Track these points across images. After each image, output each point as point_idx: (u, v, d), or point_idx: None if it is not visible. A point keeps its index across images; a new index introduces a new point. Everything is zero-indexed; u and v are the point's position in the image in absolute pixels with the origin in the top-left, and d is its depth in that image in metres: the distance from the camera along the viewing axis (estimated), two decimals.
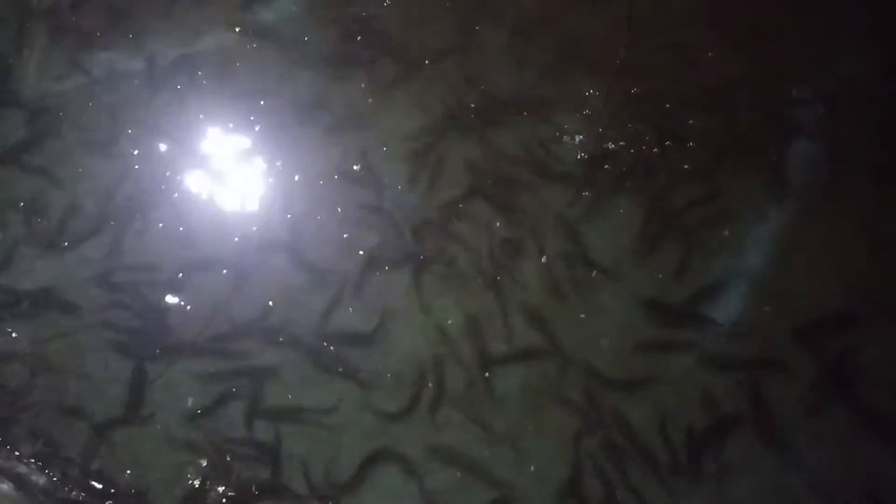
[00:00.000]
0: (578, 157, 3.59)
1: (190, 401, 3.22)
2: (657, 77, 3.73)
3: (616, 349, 3.25)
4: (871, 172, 3.49)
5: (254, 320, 3.33)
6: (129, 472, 3.12)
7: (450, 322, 3.31)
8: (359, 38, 3.88)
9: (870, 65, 3.72)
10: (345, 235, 3.49)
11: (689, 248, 3.38)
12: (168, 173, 3.64)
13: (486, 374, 3.23)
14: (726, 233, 3.42)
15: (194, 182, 3.62)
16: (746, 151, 3.58)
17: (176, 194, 3.59)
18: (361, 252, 3.44)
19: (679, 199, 3.49)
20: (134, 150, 3.68)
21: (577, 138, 3.63)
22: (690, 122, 3.64)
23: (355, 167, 3.61)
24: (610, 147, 3.60)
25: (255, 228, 3.51)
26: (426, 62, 3.81)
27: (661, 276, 3.35)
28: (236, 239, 3.50)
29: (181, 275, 3.40)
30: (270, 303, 3.37)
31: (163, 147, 3.69)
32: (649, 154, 3.58)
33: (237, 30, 3.93)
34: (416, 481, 3.08)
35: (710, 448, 3.08)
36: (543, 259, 3.42)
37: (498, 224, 3.48)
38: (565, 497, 3.06)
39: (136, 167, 3.64)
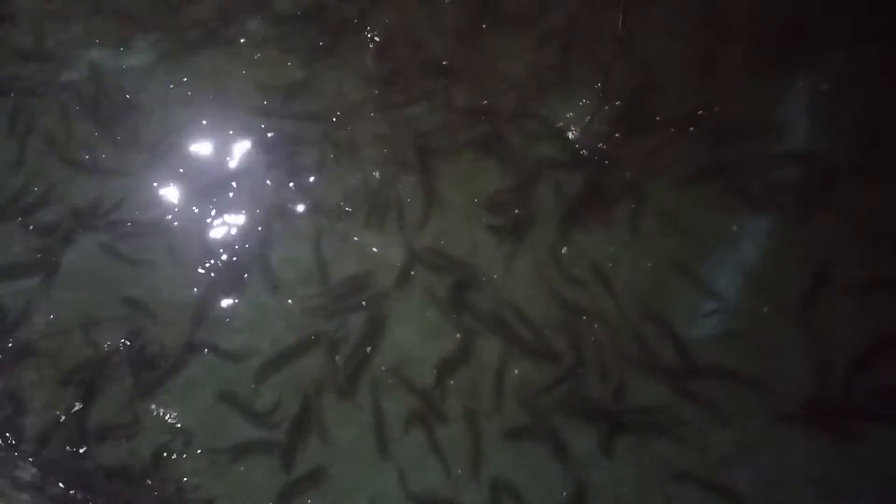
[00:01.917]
0: (578, 149, 3.63)
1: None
2: (656, 70, 3.77)
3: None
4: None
5: None
6: None
7: None
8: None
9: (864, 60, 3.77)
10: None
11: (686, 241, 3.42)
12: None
13: None
14: (735, 227, 3.44)
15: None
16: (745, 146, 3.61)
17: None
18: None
19: (679, 193, 3.52)
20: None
21: (576, 131, 3.66)
22: (700, 112, 3.67)
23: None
24: (608, 139, 3.63)
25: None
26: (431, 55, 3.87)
27: (658, 270, 3.37)
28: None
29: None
30: None
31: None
32: (648, 147, 3.61)
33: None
34: None
35: None
36: (564, 250, 3.43)
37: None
38: None
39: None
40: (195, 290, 3.38)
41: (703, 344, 3.24)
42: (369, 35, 3.94)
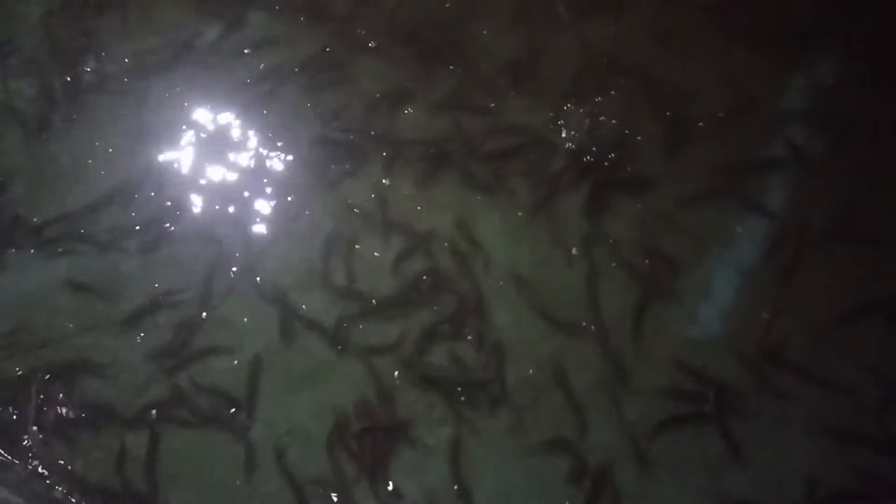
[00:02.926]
0: (577, 150, 3.61)
1: None
2: (650, 74, 3.74)
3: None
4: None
5: None
6: None
7: None
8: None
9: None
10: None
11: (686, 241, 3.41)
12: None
13: None
14: (739, 229, 3.42)
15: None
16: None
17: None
18: None
19: (678, 193, 3.49)
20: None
21: (572, 132, 3.64)
22: (700, 111, 3.65)
23: None
24: (608, 140, 3.61)
25: None
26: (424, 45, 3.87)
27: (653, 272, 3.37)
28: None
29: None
30: None
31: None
32: (648, 147, 3.60)
33: None
34: None
35: None
36: (574, 251, 3.43)
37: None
38: None
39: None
40: (195, 292, 3.40)
41: (701, 345, 3.24)
42: (371, 43, 3.92)
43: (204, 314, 3.36)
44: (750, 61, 3.73)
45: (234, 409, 3.19)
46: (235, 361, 3.28)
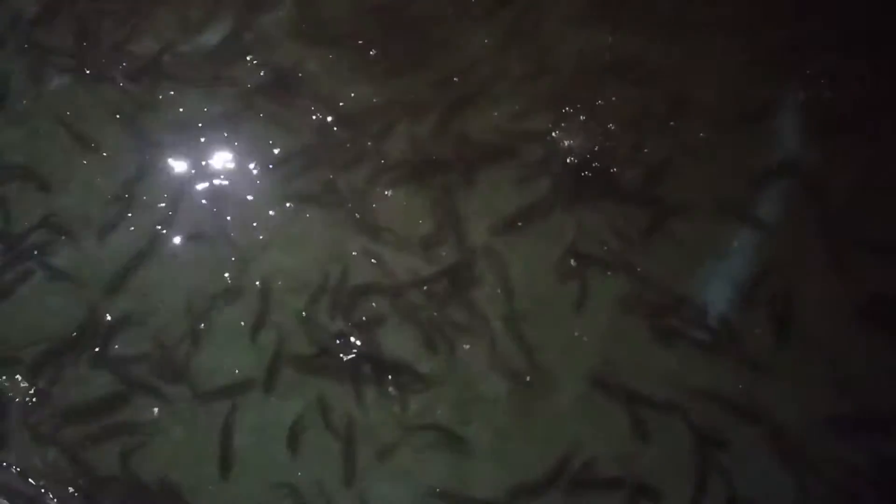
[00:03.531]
0: (567, 160, 3.60)
1: None
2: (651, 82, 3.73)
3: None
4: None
5: None
6: None
7: None
8: None
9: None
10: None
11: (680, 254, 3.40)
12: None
13: None
14: (729, 241, 3.42)
15: None
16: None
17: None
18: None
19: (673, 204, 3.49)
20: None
21: (567, 142, 3.63)
22: (696, 120, 3.64)
23: None
24: (601, 150, 3.60)
25: None
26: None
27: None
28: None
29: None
30: None
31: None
32: (645, 156, 3.59)
33: None
34: None
35: None
36: (573, 262, 3.42)
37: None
38: None
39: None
40: (192, 294, 3.40)
41: (698, 355, 3.24)
42: (372, 52, 3.91)
43: (199, 317, 3.35)
44: (752, 67, 3.73)
45: (231, 410, 3.20)
46: (231, 364, 3.28)
